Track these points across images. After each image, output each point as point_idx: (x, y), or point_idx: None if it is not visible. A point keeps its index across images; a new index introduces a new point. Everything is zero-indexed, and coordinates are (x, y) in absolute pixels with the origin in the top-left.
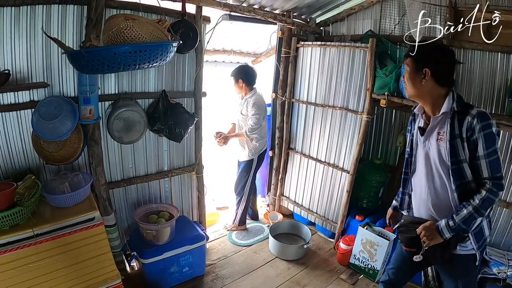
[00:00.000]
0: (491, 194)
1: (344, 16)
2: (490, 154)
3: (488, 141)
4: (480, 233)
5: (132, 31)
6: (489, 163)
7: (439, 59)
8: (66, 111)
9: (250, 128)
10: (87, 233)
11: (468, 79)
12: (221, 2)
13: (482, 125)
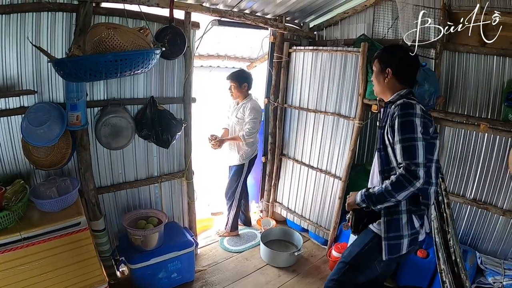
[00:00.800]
0: (402, 177)
1: (338, 20)
2: (405, 140)
3: (405, 128)
4: (395, 224)
5: (114, 40)
6: (403, 148)
7: (400, 61)
8: (54, 117)
9: (248, 132)
10: (73, 237)
11: (463, 84)
12: (210, 7)
13: (401, 113)
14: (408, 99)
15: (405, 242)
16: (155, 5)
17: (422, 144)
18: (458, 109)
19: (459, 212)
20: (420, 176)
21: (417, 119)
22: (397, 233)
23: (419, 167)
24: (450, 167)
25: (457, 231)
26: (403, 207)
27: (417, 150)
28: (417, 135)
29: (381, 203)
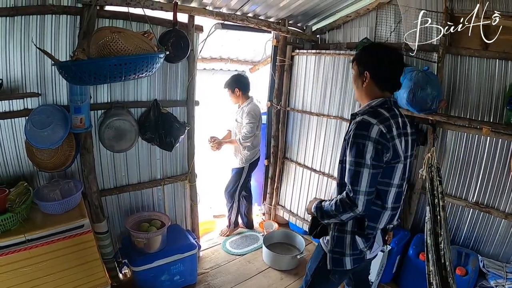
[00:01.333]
0: (343, 201)
1: (340, 23)
2: (352, 163)
3: (354, 151)
4: (339, 241)
5: (118, 43)
6: (350, 171)
7: (380, 63)
8: (58, 120)
9: (244, 136)
10: (76, 240)
11: (466, 87)
12: (213, 11)
13: (354, 133)
14: (374, 114)
15: (347, 260)
16: (159, 8)
17: (368, 172)
18: (461, 113)
19: (461, 215)
20: (358, 204)
21: (369, 144)
22: (340, 250)
23: (358, 195)
24: (453, 171)
25: (459, 234)
26: (348, 227)
27: (360, 177)
28: (365, 161)
29: (328, 218)
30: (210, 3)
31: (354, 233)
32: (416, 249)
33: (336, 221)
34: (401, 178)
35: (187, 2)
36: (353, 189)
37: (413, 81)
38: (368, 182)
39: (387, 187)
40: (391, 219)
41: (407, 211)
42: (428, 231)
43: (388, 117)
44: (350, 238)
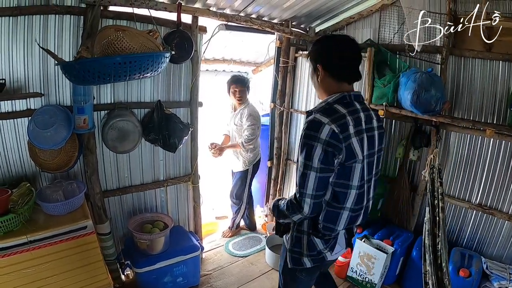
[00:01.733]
0: (291, 200)
1: (344, 25)
2: (301, 164)
3: (303, 151)
4: (298, 241)
5: (122, 42)
6: (299, 172)
7: (329, 52)
8: (61, 120)
9: (247, 138)
10: (79, 241)
11: (469, 89)
12: (217, 12)
13: (304, 133)
14: (328, 112)
15: (306, 260)
16: (163, 9)
17: (315, 176)
18: (464, 115)
19: (464, 217)
20: (304, 207)
21: (318, 145)
22: (298, 250)
23: (304, 197)
24: (456, 172)
25: (462, 235)
26: (304, 228)
27: (306, 180)
28: (312, 164)
29: (283, 217)
30: (214, 4)
31: (310, 234)
32: (419, 251)
33: (290, 221)
34: (361, 179)
35: (191, 3)
36: (300, 191)
37: (417, 83)
38: (315, 186)
39: (345, 189)
40: (353, 220)
41: (410, 213)
42: (426, 231)
43: (344, 114)
44: (307, 239)
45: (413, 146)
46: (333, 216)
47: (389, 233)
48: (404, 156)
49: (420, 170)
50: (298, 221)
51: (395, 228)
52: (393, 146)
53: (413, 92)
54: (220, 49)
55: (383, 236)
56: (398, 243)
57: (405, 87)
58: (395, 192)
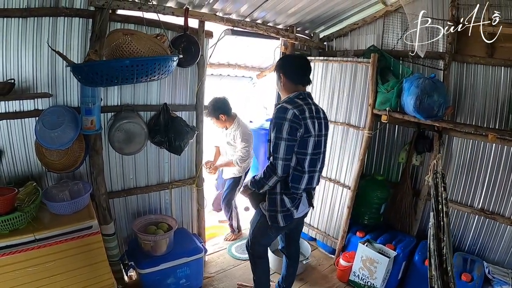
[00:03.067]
0: (268, 168)
1: (348, 31)
2: (274, 138)
3: (274, 128)
4: (272, 201)
5: (130, 45)
6: (272, 144)
7: (289, 66)
8: (69, 121)
9: (242, 158)
10: (84, 241)
11: (471, 94)
12: (223, 17)
13: (275, 116)
14: (290, 102)
15: (279, 216)
16: (170, 13)
17: (284, 144)
18: (467, 120)
19: (466, 222)
20: (278, 168)
21: (286, 123)
22: (273, 208)
23: (277, 160)
24: (458, 177)
25: (464, 240)
26: (277, 189)
27: (279, 148)
28: (282, 135)
29: (261, 186)
30: (220, 9)
31: (282, 194)
32: (421, 255)
33: (268, 187)
34: (313, 149)
35: (198, 8)
36: (274, 156)
37: (420, 88)
38: (285, 151)
39: (303, 156)
40: (310, 181)
41: (412, 218)
42: (431, 236)
43: (301, 104)
44: (279, 198)
45: (416, 151)
46: (297, 177)
47: (391, 238)
48: (407, 161)
49: (423, 175)
50: (273, 184)
51: (397, 232)
52: (396, 151)
53: (416, 97)
54: (225, 53)
55: (385, 240)
56: (401, 247)
57: (408, 93)
58: (397, 197)
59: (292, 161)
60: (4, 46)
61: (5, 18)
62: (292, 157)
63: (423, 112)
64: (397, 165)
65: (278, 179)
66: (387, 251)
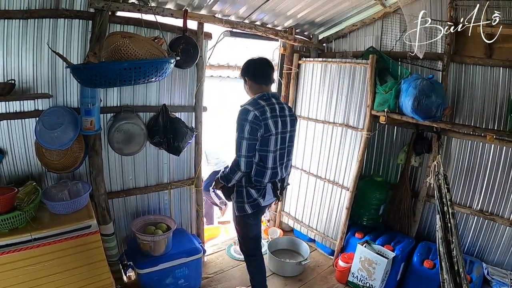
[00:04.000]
0: (232, 163)
1: (346, 32)
2: (236, 137)
3: (238, 129)
4: (239, 194)
5: (128, 48)
6: (235, 142)
7: (251, 68)
8: (68, 122)
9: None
10: (83, 240)
11: (470, 95)
12: (222, 18)
13: (238, 117)
14: (253, 104)
15: (247, 206)
16: (169, 15)
17: (246, 143)
18: (465, 120)
19: (465, 223)
20: (241, 165)
21: (247, 124)
22: (241, 199)
23: (241, 158)
24: (457, 178)
25: (463, 242)
26: (243, 183)
27: (241, 146)
28: (244, 135)
29: (229, 180)
30: (219, 11)
31: (247, 186)
32: (420, 256)
33: (234, 181)
34: (274, 146)
35: (197, 10)
36: (237, 154)
37: (418, 89)
38: (247, 149)
39: (265, 153)
40: (274, 175)
41: (411, 219)
42: (439, 239)
43: (263, 105)
44: (246, 191)
45: (414, 152)
46: (260, 172)
47: (390, 239)
48: (405, 162)
49: (422, 176)
50: (239, 178)
51: (396, 233)
52: (394, 152)
53: (414, 98)
54: (225, 55)
55: (384, 241)
56: (399, 248)
57: (406, 94)
58: (396, 198)
59: (255, 157)
60: (5, 47)
61: (6, 20)
62: (254, 154)
63: (421, 113)
64: (396, 166)
65: (243, 174)
66: (385, 252)
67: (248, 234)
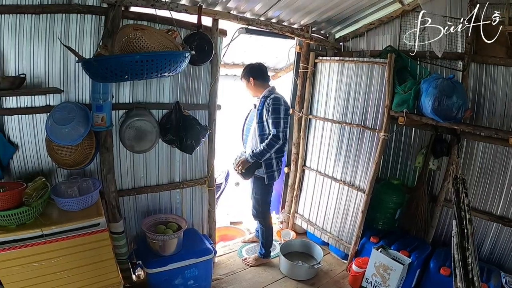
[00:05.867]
0: (272, 140)
1: (364, 31)
2: (273, 118)
3: (274, 111)
4: (269, 164)
5: (141, 41)
6: (272, 123)
7: (255, 70)
8: (79, 117)
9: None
10: (91, 238)
11: (491, 96)
12: (237, 15)
13: (273, 103)
14: (277, 93)
15: (276, 173)
16: (183, 11)
17: (282, 121)
18: (486, 123)
19: (484, 229)
20: (281, 137)
21: (281, 107)
22: (271, 169)
23: (279, 133)
24: (476, 183)
25: (481, 249)
26: (272, 156)
27: (279, 124)
28: (280, 115)
29: (263, 156)
30: (234, 7)
31: (276, 158)
32: (437, 263)
33: (269, 154)
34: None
35: (212, 6)
36: (277, 130)
37: (439, 89)
38: (283, 126)
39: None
40: None
41: (428, 224)
42: (455, 245)
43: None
44: (275, 161)
45: (433, 155)
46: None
47: (406, 244)
48: (423, 165)
49: (440, 180)
50: (274, 150)
51: (412, 239)
52: (412, 154)
53: (434, 98)
54: (240, 53)
55: (400, 246)
56: (415, 254)
57: (426, 94)
58: (413, 202)
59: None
60: (17, 42)
61: (18, 15)
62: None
63: (441, 114)
64: (413, 169)
65: (279, 146)
66: (401, 257)
67: (267, 199)
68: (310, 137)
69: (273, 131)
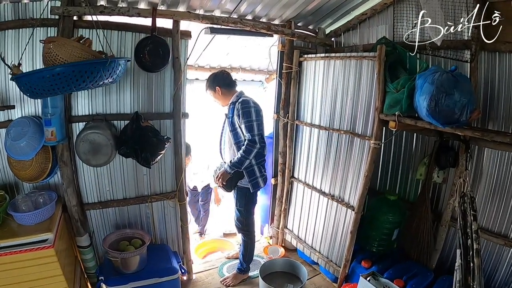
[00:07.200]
0: (248, 146)
1: (356, 23)
2: (245, 122)
3: (244, 115)
4: (251, 172)
5: (52, 54)
6: (245, 127)
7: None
8: (32, 132)
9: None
10: (35, 254)
11: (507, 93)
12: (199, 14)
13: (242, 107)
14: (246, 96)
15: (260, 180)
16: (135, 15)
17: (255, 124)
18: (501, 126)
19: (498, 255)
20: (257, 141)
21: (252, 109)
22: (254, 176)
23: (255, 136)
24: (490, 200)
25: (494, 277)
26: (253, 163)
27: (253, 128)
28: (252, 118)
29: (242, 164)
30: (199, 6)
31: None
32: None
33: (248, 161)
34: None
35: (174, 6)
36: (251, 134)
37: (436, 85)
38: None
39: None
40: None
41: (431, 247)
42: (457, 283)
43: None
44: (257, 168)
45: (437, 165)
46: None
47: (403, 271)
48: (426, 178)
49: (446, 195)
50: (252, 157)
51: (412, 264)
52: (413, 165)
53: (431, 97)
54: (222, 56)
55: (395, 274)
56: (413, 284)
57: (420, 91)
58: (414, 221)
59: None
60: None
61: None
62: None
63: (439, 117)
64: (414, 182)
65: (257, 150)
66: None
67: (252, 210)
68: (297, 145)
69: (248, 136)
